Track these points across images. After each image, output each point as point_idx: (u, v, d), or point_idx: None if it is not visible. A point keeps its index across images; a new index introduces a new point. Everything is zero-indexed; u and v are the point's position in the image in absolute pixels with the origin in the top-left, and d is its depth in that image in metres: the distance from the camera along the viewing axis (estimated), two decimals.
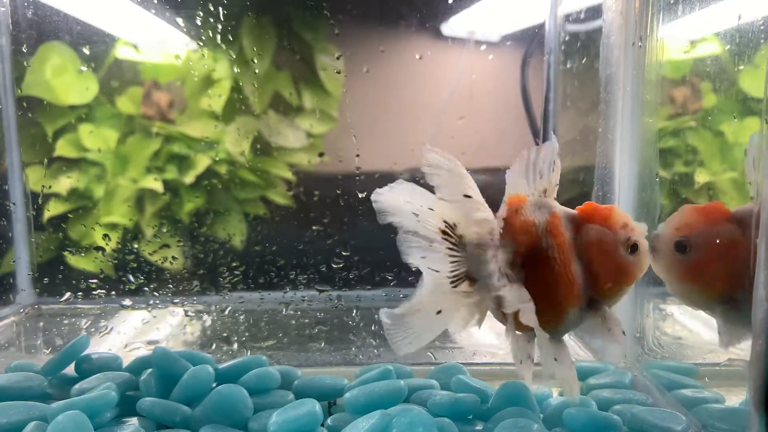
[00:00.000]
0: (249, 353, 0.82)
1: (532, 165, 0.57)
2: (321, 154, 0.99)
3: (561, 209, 0.57)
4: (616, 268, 0.56)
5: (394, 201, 0.55)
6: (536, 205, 0.57)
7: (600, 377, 0.71)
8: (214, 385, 0.64)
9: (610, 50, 0.80)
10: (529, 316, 0.53)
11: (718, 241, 0.57)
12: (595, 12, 0.87)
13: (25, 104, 0.94)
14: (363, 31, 0.96)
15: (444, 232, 0.55)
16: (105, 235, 0.95)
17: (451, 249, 0.56)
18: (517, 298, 0.54)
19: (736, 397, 0.63)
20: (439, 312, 0.57)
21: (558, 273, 0.55)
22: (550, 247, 0.55)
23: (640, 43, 0.74)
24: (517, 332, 0.57)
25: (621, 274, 0.57)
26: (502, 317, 0.58)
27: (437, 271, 0.56)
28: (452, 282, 0.56)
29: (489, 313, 0.59)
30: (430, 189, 0.55)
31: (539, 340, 0.56)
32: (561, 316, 0.56)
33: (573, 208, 0.59)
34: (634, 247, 0.56)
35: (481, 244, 0.55)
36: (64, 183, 0.96)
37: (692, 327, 0.74)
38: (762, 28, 0.57)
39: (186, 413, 0.60)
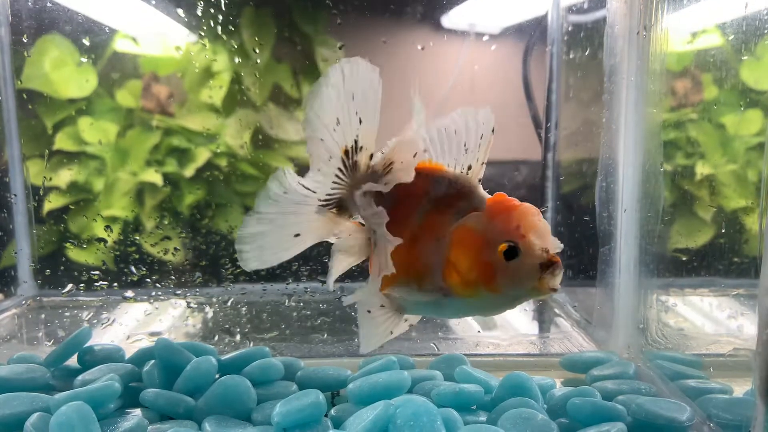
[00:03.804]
0: (252, 344, 0.82)
1: (455, 134, 0.53)
2: None
3: (477, 194, 0.53)
4: (474, 266, 0.50)
5: (339, 93, 0.51)
6: (448, 178, 0.53)
7: (604, 368, 0.71)
8: (217, 376, 0.64)
9: (615, 40, 0.80)
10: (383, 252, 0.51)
11: None
12: (598, 2, 0.86)
13: (24, 96, 0.93)
14: (365, 21, 0.95)
15: (346, 152, 0.52)
16: (107, 227, 0.95)
17: (340, 170, 0.53)
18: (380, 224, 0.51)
19: (740, 388, 0.63)
20: (297, 235, 0.54)
21: (408, 241, 0.52)
22: (420, 215, 0.53)
23: (644, 33, 0.74)
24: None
25: (478, 274, 0.50)
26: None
27: (314, 192, 0.53)
28: (323, 203, 0.54)
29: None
30: None
31: (369, 287, 0.54)
32: (391, 283, 0.54)
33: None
34: (510, 253, 0.49)
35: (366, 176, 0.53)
36: (64, 176, 0.96)
37: (695, 318, 0.74)
38: (766, 18, 0.57)
39: (189, 404, 0.60)
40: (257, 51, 0.96)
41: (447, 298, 0.52)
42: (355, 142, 0.53)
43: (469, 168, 0.53)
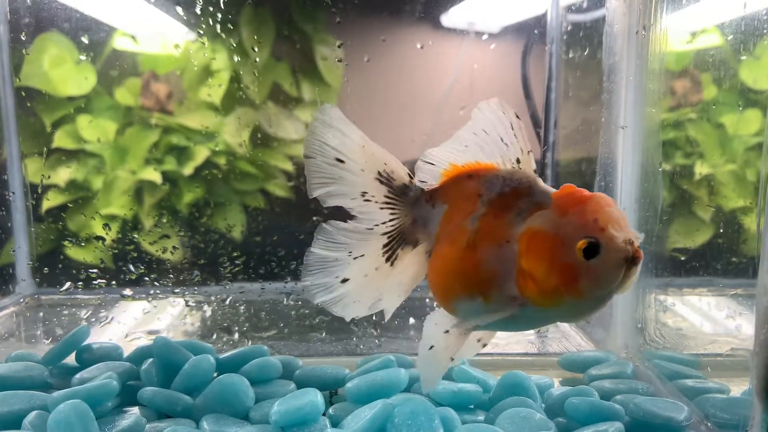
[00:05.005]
0: (250, 343, 0.82)
1: (487, 133, 0.49)
2: None
3: (538, 188, 0.48)
4: (552, 270, 0.45)
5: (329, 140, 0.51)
6: (501, 176, 0.49)
7: (602, 367, 0.71)
8: (215, 374, 0.64)
9: (614, 39, 0.80)
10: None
11: None
12: (597, 1, 0.86)
13: (23, 94, 0.93)
14: (364, 19, 0.95)
15: (380, 181, 0.52)
16: (105, 225, 0.94)
17: (389, 200, 0.52)
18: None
19: (738, 387, 0.63)
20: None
21: (464, 249, 0.49)
22: (475, 220, 0.49)
23: (643, 32, 0.74)
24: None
25: (558, 279, 0.45)
26: None
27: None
28: (386, 250, 0.53)
29: None
30: None
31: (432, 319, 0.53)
32: (451, 298, 0.50)
33: None
34: (590, 250, 0.44)
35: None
36: (63, 174, 0.96)
37: (693, 318, 0.74)
38: (765, 18, 0.57)
39: (187, 403, 0.60)
40: (255, 50, 0.96)
41: (521, 309, 0.47)
42: (377, 170, 0.52)
43: (518, 161, 0.49)
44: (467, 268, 0.49)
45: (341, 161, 0.52)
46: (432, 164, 0.52)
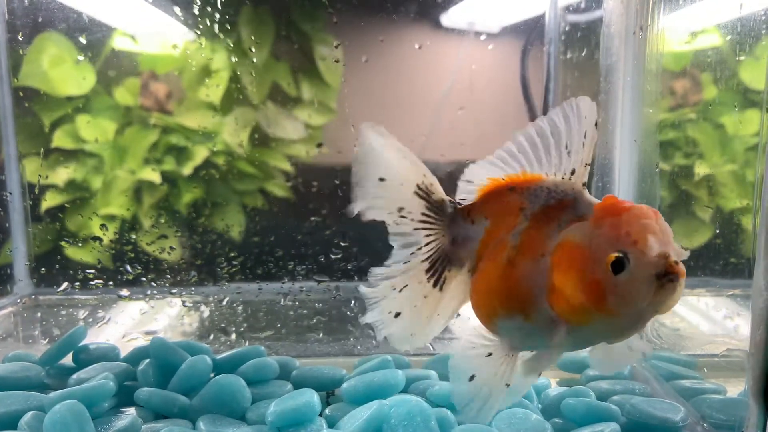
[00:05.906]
0: (247, 344, 0.82)
1: (554, 136, 0.46)
2: (320, 145, 0.98)
3: (583, 200, 0.46)
4: (580, 286, 0.43)
5: (380, 151, 0.49)
6: (547, 188, 0.47)
7: None
8: (212, 375, 0.64)
9: (611, 40, 0.80)
10: None
11: None
12: (595, 2, 0.87)
13: (21, 94, 0.93)
14: (362, 20, 0.95)
15: (418, 194, 0.51)
16: (102, 225, 0.94)
17: (427, 219, 0.51)
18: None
19: (734, 388, 0.63)
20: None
21: (504, 266, 0.47)
22: (515, 235, 0.47)
23: (641, 33, 0.74)
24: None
25: (586, 295, 0.42)
26: None
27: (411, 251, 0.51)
28: (430, 275, 0.52)
29: None
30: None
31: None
32: (492, 317, 0.49)
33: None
34: (618, 264, 0.41)
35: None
36: (62, 174, 0.96)
37: (692, 318, 0.74)
38: (763, 18, 0.57)
39: (184, 403, 0.60)
40: (253, 50, 0.96)
41: (559, 328, 0.45)
42: (416, 185, 0.51)
43: (573, 172, 0.46)
44: (507, 286, 0.47)
45: (383, 180, 0.50)
46: (471, 182, 0.51)
